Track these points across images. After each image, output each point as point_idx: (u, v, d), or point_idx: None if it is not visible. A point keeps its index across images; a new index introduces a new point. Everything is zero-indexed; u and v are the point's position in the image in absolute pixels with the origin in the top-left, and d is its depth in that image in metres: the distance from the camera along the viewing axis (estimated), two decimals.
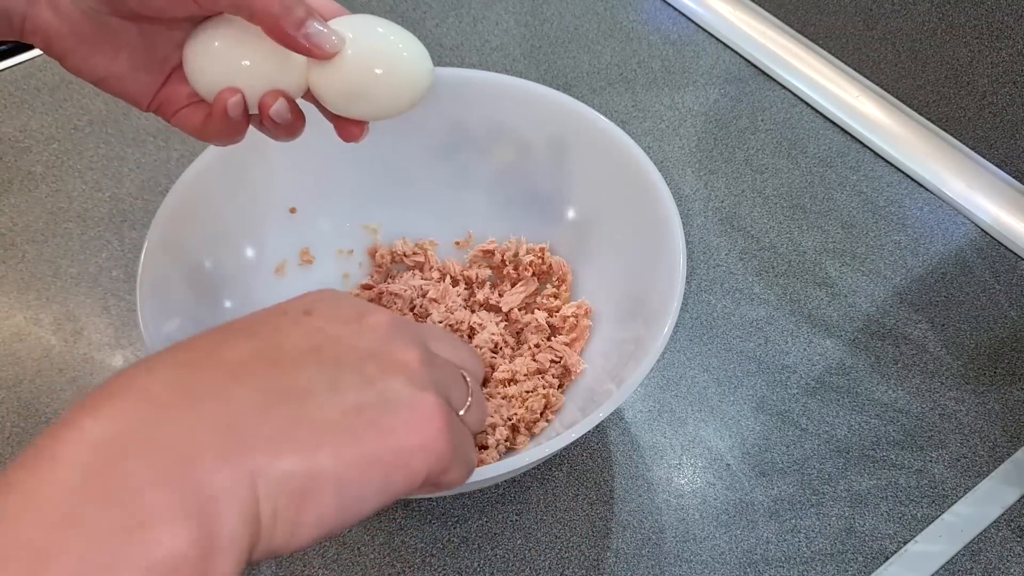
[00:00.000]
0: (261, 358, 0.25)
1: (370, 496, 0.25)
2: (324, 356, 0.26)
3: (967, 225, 0.65)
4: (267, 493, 0.23)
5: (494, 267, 0.55)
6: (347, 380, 0.26)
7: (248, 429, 0.23)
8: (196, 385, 0.23)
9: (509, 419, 0.48)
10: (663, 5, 0.80)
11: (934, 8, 0.64)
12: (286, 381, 0.25)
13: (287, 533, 0.23)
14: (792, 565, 0.48)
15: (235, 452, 0.22)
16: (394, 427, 0.26)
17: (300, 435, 0.24)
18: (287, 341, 0.26)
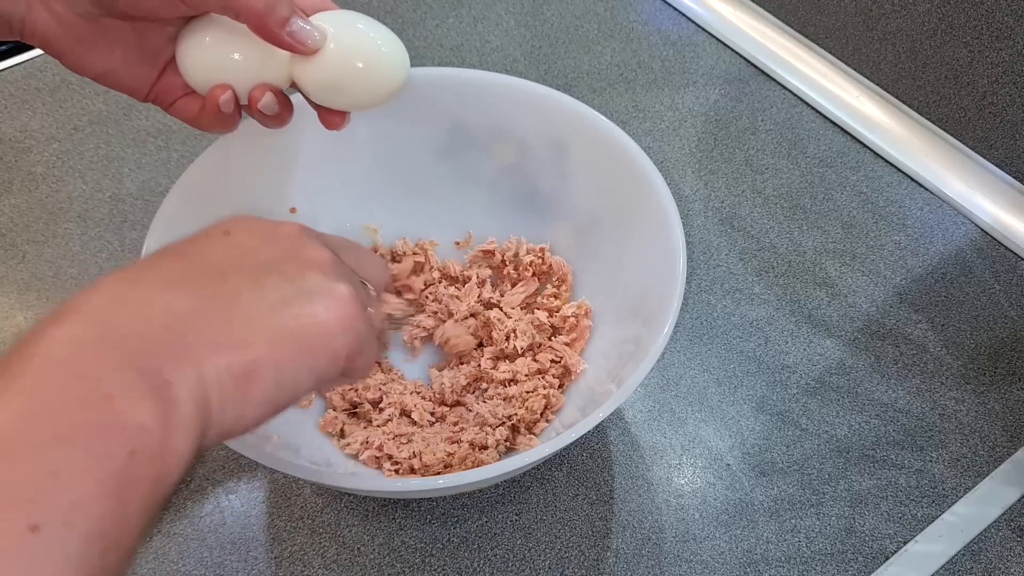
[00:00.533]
0: (190, 271, 0.29)
1: (303, 376, 0.29)
2: (246, 264, 0.30)
3: (967, 225, 0.65)
4: (213, 380, 0.26)
5: (494, 267, 0.55)
6: (268, 280, 0.29)
7: (187, 328, 0.26)
8: (137, 297, 0.26)
9: (509, 419, 0.48)
10: (663, 5, 0.80)
11: (934, 8, 0.64)
12: (214, 287, 0.28)
13: (236, 414, 0.27)
14: (792, 565, 0.48)
15: (180, 347, 0.25)
16: (315, 313, 0.29)
17: (235, 328, 0.27)
18: (211, 256, 0.30)
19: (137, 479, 0.22)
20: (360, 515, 0.49)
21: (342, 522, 0.49)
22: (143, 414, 0.23)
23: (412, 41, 0.75)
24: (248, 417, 0.27)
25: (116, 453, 0.22)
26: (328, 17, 0.38)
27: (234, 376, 0.26)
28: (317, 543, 0.48)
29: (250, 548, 0.47)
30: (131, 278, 0.27)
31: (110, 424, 0.22)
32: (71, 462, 0.21)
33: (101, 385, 0.23)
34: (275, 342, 0.28)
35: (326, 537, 0.48)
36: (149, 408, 0.23)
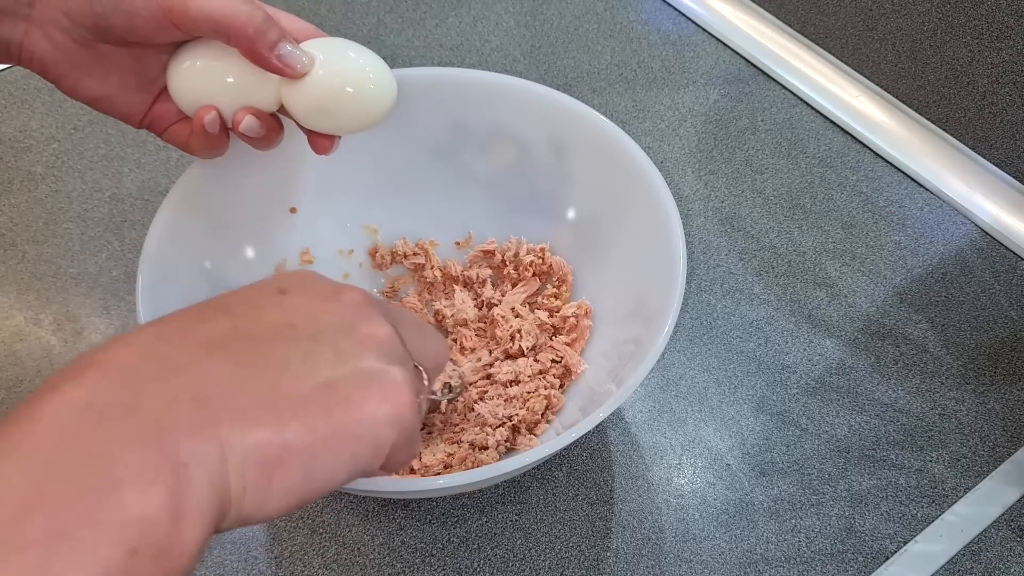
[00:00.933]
0: (236, 334, 0.26)
1: (339, 468, 0.26)
2: (299, 332, 0.27)
3: (967, 225, 0.65)
4: (237, 463, 0.23)
5: (494, 267, 0.55)
6: (321, 354, 0.27)
7: (220, 401, 0.24)
8: (171, 359, 0.24)
9: (510, 419, 0.48)
10: (663, 5, 0.80)
11: (934, 8, 0.64)
12: (260, 356, 0.26)
13: (256, 502, 0.24)
14: (792, 565, 0.48)
15: (207, 424, 0.23)
16: (365, 399, 0.27)
17: (272, 407, 0.25)
18: (263, 318, 0.27)
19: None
20: (360, 515, 0.49)
21: (342, 522, 0.49)
22: (152, 505, 0.21)
23: (412, 41, 0.75)
24: (268, 508, 0.24)
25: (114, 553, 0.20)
26: (318, 44, 0.39)
27: (260, 462, 0.24)
28: (317, 543, 0.48)
29: (250, 548, 0.47)
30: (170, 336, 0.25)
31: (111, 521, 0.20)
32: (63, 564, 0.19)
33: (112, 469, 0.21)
34: (314, 427, 0.25)
35: (326, 537, 0.48)
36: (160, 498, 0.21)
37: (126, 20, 0.36)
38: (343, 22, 0.75)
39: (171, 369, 0.24)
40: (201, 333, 0.26)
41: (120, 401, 0.22)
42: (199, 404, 0.23)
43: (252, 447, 0.24)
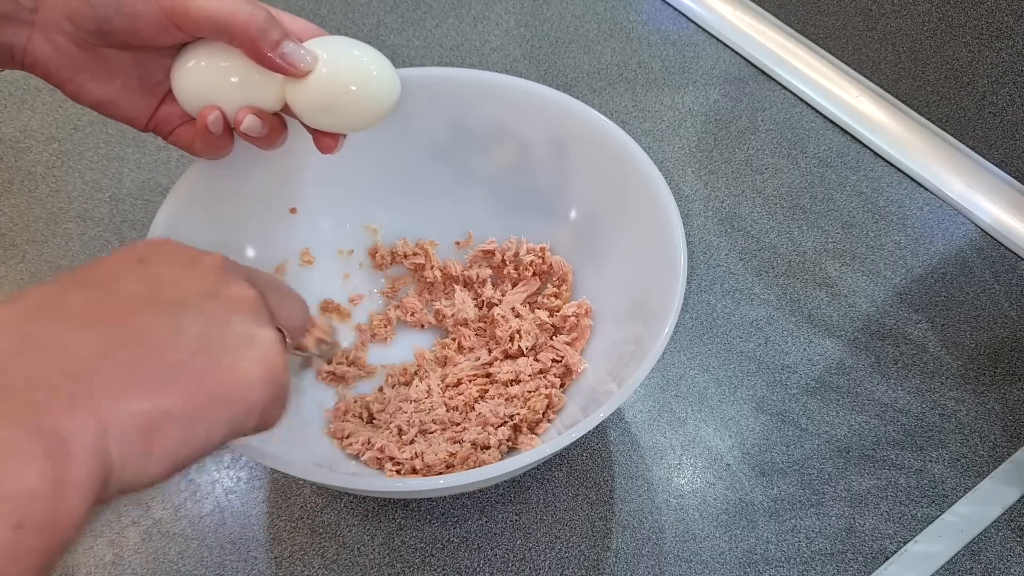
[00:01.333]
0: (100, 306, 0.26)
1: (216, 431, 0.26)
2: (163, 300, 0.27)
3: (967, 225, 0.65)
4: (116, 434, 0.23)
5: (494, 267, 0.55)
6: (189, 321, 0.27)
7: (93, 374, 0.24)
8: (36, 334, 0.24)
9: (511, 418, 0.48)
10: (663, 5, 0.80)
11: (934, 8, 0.64)
12: (128, 326, 0.26)
13: (137, 470, 0.24)
14: (792, 565, 0.48)
15: (81, 396, 0.23)
16: (236, 362, 0.27)
17: (146, 376, 0.25)
18: (125, 288, 0.27)
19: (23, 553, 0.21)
20: (360, 515, 0.49)
21: (342, 522, 0.49)
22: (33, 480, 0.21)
23: (412, 41, 0.75)
24: (150, 473, 0.25)
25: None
26: (320, 42, 0.39)
27: (139, 429, 0.24)
28: (317, 543, 0.48)
29: (250, 548, 0.47)
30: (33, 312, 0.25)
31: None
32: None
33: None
34: (189, 392, 0.26)
35: (326, 537, 0.48)
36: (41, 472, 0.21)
37: (128, 23, 0.36)
38: (343, 22, 0.75)
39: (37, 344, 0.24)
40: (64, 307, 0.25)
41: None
42: (72, 378, 0.23)
43: (130, 417, 0.24)
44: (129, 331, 0.26)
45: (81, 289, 0.27)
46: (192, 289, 0.28)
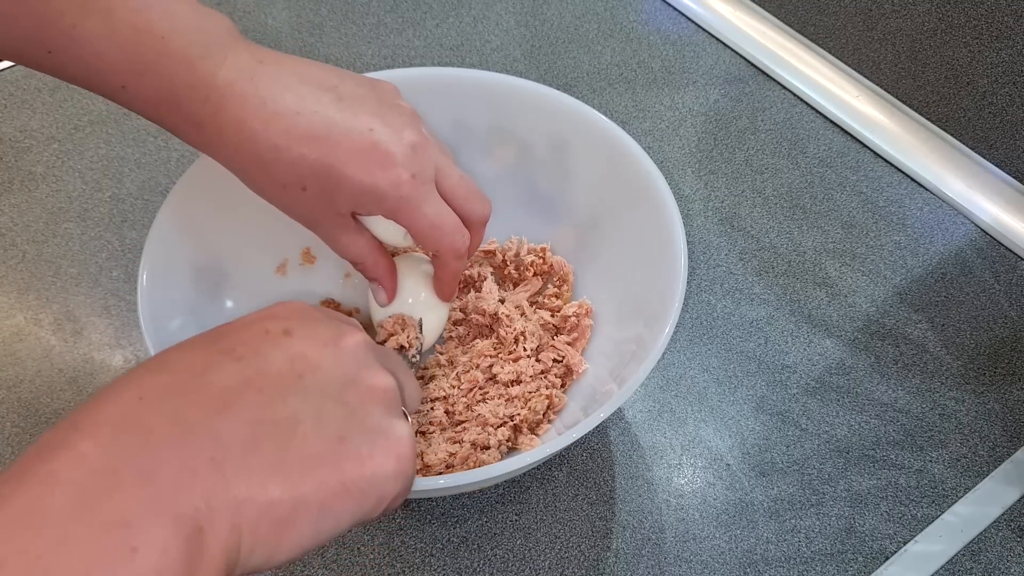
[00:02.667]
0: (247, 385, 0.27)
1: (344, 520, 0.27)
2: (307, 385, 0.28)
3: (967, 225, 0.65)
4: (250, 521, 0.24)
5: (495, 267, 0.55)
6: (330, 411, 0.28)
7: (235, 462, 0.24)
8: (186, 415, 0.24)
9: (511, 419, 0.48)
10: (663, 5, 0.80)
11: (934, 8, 0.64)
12: (272, 412, 0.26)
13: (264, 557, 0.25)
14: (792, 565, 0.48)
15: (222, 487, 0.24)
16: (372, 455, 0.28)
17: (285, 466, 0.25)
18: (271, 366, 0.28)
19: None
20: None
21: None
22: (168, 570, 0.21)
23: (412, 41, 0.75)
24: (274, 560, 0.25)
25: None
26: None
27: (273, 520, 0.25)
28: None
29: None
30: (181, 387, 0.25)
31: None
32: None
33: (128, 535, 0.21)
34: (325, 484, 0.26)
35: None
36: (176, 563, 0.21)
37: None
38: (343, 22, 0.75)
39: (185, 427, 0.24)
40: (211, 383, 0.26)
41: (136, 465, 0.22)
42: (214, 467, 0.24)
43: (265, 506, 0.24)
44: (273, 416, 0.26)
45: (227, 362, 0.27)
46: (335, 375, 0.29)
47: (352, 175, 0.38)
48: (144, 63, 0.35)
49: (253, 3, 0.76)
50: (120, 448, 0.23)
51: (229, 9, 0.75)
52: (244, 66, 0.37)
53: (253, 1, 0.76)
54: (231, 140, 0.37)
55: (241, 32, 0.39)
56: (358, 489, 0.27)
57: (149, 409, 0.24)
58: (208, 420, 0.25)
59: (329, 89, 0.39)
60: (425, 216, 0.40)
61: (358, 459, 0.27)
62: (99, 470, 0.22)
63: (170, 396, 0.25)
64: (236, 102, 0.36)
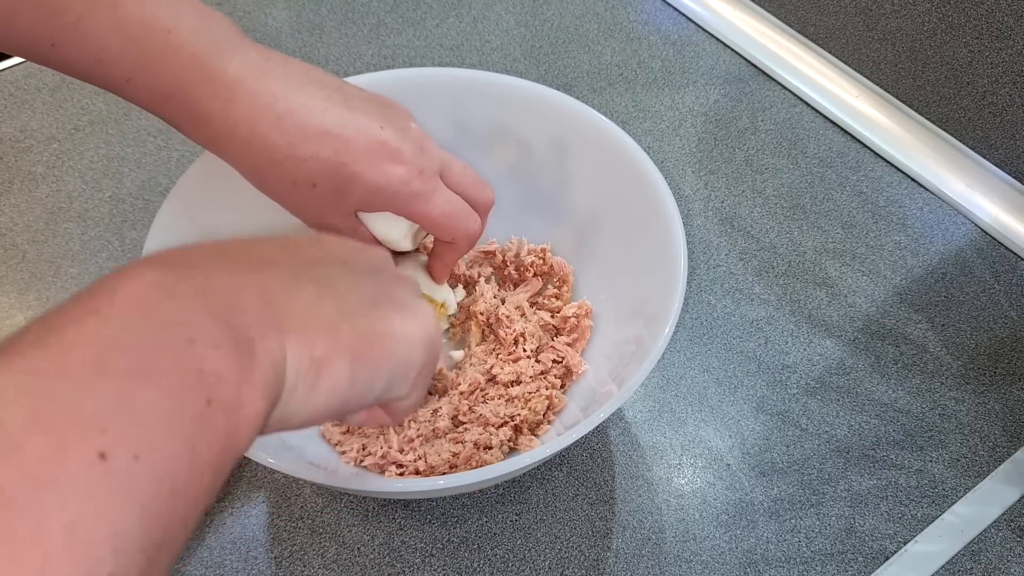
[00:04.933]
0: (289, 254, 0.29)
1: (377, 380, 0.28)
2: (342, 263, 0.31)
3: (967, 225, 0.65)
4: (294, 355, 0.25)
5: (495, 268, 0.55)
6: (363, 281, 0.30)
7: (281, 301, 0.26)
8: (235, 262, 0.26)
9: (512, 419, 0.48)
10: (663, 5, 0.80)
11: (934, 8, 0.64)
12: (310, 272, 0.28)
13: (303, 397, 0.26)
14: (792, 565, 0.48)
15: (269, 316, 0.25)
16: (403, 319, 0.30)
17: (325, 313, 0.27)
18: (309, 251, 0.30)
19: (211, 428, 0.22)
20: (360, 515, 0.49)
21: (342, 522, 0.49)
22: (223, 365, 0.22)
23: (412, 41, 0.75)
24: (312, 405, 0.26)
25: (192, 397, 0.21)
26: None
27: (313, 358, 0.26)
28: (317, 543, 0.48)
29: (250, 548, 0.47)
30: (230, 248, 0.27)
31: (190, 368, 0.22)
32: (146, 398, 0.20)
33: (185, 329, 0.22)
34: (361, 335, 0.28)
35: (326, 537, 0.48)
36: (230, 360, 0.23)
37: None
38: (343, 22, 0.75)
39: (236, 269, 0.26)
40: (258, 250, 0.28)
41: (192, 283, 0.24)
42: (261, 298, 0.25)
43: (306, 345, 0.26)
44: (314, 275, 0.28)
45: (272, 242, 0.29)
46: (365, 264, 0.32)
47: (364, 173, 0.39)
48: (150, 57, 0.35)
49: (253, 3, 0.76)
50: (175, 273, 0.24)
51: (229, 9, 0.75)
52: (253, 63, 0.37)
53: (253, 1, 0.76)
54: (241, 136, 0.38)
55: None
56: (390, 348, 0.29)
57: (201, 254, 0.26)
58: (256, 270, 0.26)
59: (336, 89, 0.40)
60: (437, 207, 0.42)
61: (388, 320, 0.29)
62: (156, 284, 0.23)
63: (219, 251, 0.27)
64: (247, 98, 0.37)
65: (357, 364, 0.27)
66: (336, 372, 0.27)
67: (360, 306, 0.28)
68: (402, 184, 0.40)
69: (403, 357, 0.30)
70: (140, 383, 0.20)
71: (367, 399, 0.29)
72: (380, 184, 0.40)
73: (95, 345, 0.20)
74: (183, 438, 0.21)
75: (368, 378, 0.28)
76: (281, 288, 0.26)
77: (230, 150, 0.39)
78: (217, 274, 0.25)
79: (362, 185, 0.39)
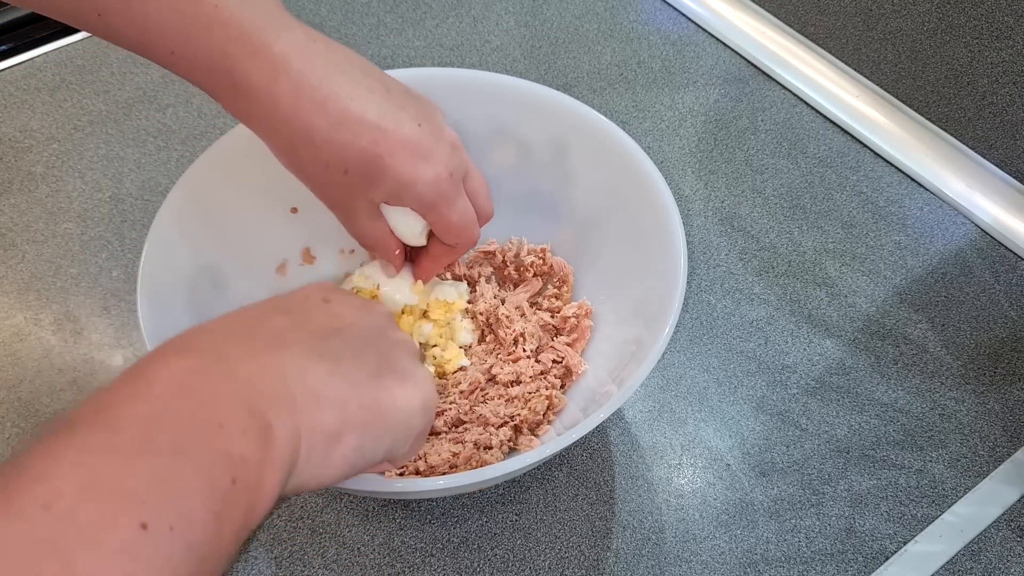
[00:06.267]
0: (299, 330, 0.31)
1: (380, 447, 0.31)
2: (346, 335, 0.33)
3: (967, 225, 0.65)
4: (307, 434, 0.28)
5: (495, 268, 0.55)
6: (366, 353, 0.32)
7: (295, 381, 0.28)
8: (252, 345, 0.29)
9: (512, 419, 0.48)
10: (663, 5, 0.80)
11: (934, 8, 0.64)
12: (321, 347, 0.31)
13: (316, 468, 0.28)
14: (792, 565, 0.48)
15: (286, 397, 0.28)
16: (403, 390, 0.32)
17: (335, 390, 0.29)
18: (315, 320, 0.33)
19: (234, 504, 0.24)
20: (360, 515, 0.49)
21: (342, 522, 0.49)
22: (247, 448, 0.25)
23: (412, 41, 0.75)
24: (324, 475, 0.29)
25: (220, 476, 0.24)
26: None
27: (325, 433, 0.28)
28: (317, 543, 0.48)
29: (250, 548, 0.47)
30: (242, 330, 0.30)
31: (219, 450, 0.24)
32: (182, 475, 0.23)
33: (216, 414, 0.25)
34: (368, 408, 0.30)
35: (326, 537, 0.48)
36: (253, 444, 0.25)
37: None
38: (343, 22, 0.75)
39: (255, 353, 0.28)
40: (268, 328, 0.31)
41: (219, 371, 0.27)
42: (279, 380, 0.28)
43: (319, 421, 0.28)
44: (323, 351, 0.30)
45: (280, 315, 0.32)
46: (368, 329, 0.34)
47: (397, 167, 0.40)
48: (197, 28, 0.35)
49: None
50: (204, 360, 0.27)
51: None
52: (299, 41, 0.37)
53: None
54: (283, 113, 0.38)
55: None
56: (392, 417, 0.31)
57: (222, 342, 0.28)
58: (269, 351, 0.29)
59: (378, 79, 0.40)
60: (456, 212, 0.43)
61: (391, 392, 0.32)
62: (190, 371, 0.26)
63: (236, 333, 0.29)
64: (293, 76, 0.37)
65: (364, 434, 0.30)
66: (345, 444, 0.29)
67: (365, 379, 0.31)
68: (431, 184, 0.41)
69: (404, 424, 0.32)
70: (176, 461, 0.23)
71: (373, 462, 0.31)
72: (411, 180, 0.40)
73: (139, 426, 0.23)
74: (212, 512, 0.23)
75: (374, 445, 0.31)
76: (295, 370, 0.29)
77: (268, 125, 0.39)
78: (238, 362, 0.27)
79: (393, 178, 0.40)
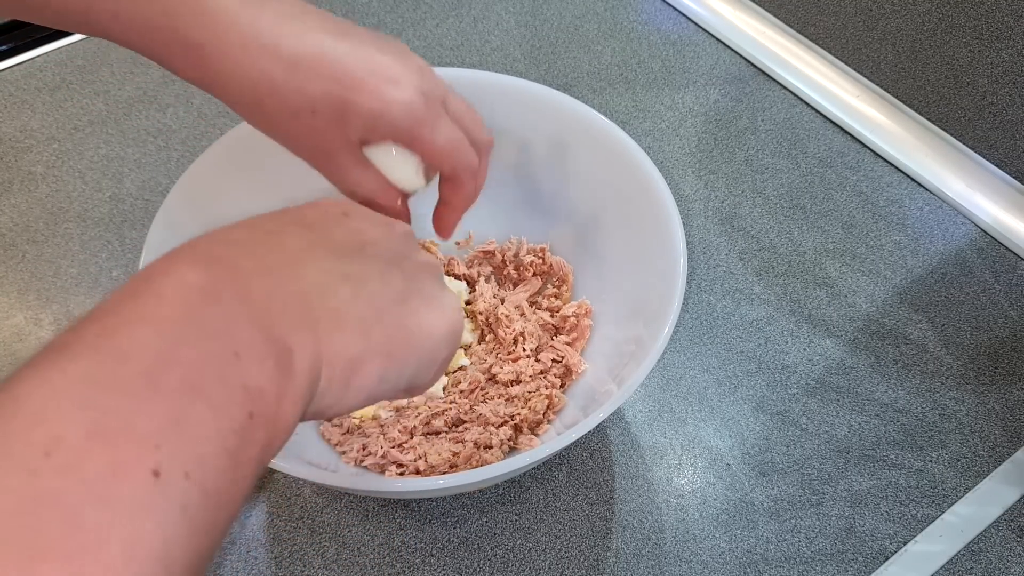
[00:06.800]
0: (317, 246, 0.29)
1: (403, 375, 0.30)
2: (369, 253, 0.31)
3: (967, 225, 0.65)
4: (329, 359, 0.26)
5: (495, 267, 0.55)
6: (391, 275, 0.30)
7: (317, 302, 0.26)
8: (267, 260, 0.26)
9: (512, 418, 0.48)
10: (663, 5, 0.80)
11: (934, 8, 0.64)
12: (343, 267, 0.29)
13: (336, 396, 0.27)
14: (792, 565, 0.48)
15: (307, 320, 0.26)
16: (429, 316, 0.31)
17: (359, 314, 0.28)
18: (335, 235, 0.30)
19: (252, 441, 0.22)
20: (360, 515, 0.49)
21: (342, 522, 0.49)
22: (265, 379, 0.23)
23: (412, 41, 0.75)
24: (343, 403, 0.27)
25: (237, 413, 0.22)
26: None
27: (346, 359, 0.27)
28: (317, 543, 0.48)
29: (250, 548, 0.47)
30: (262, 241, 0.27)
31: (235, 383, 0.22)
32: (197, 415, 0.21)
33: (231, 342, 0.23)
34: (391, 335, 0.29)
35: (326, 537, 0.48)
36: (271, 374, 0.23)
37: None
38: None
39: (272, 269, 0.26)
40: (284, 243, 0.28)
41: (234, 290, 0.24)
42: (299, 301, 0.26)
43: (341, 347, 0.27)
44: (345, 272, 0.28)
45: (298, 229, 0.29)
46: (391, 249, 0.32)
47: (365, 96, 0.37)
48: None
49: None
50: (217, 274, 0.24)
51: None
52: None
53: None
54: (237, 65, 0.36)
55: None
56: (418, 343, 0.30)
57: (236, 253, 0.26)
58: (288, 267, 0.26)
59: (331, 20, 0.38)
60: (440, 134, 0.39)
61: (417, 318, 0.30)
62: (200, 287, 0.23)
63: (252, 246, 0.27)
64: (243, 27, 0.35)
65: (387, 363, 0.28)
66: (368, 373, 0.28)
67: (390, 304, 0.29)
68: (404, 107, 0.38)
69: (429, 352, 0.31)
70: (190, 399, 0.21)
71: (394, 392, 0.30)
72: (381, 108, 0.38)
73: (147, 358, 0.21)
74: (228, 452, 0.22)
75: (397, 374, 0.29)
76: (316, 290, 0.27)
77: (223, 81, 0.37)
78: (255, 278, 0.25)
79: (364, 110, 0.37)
